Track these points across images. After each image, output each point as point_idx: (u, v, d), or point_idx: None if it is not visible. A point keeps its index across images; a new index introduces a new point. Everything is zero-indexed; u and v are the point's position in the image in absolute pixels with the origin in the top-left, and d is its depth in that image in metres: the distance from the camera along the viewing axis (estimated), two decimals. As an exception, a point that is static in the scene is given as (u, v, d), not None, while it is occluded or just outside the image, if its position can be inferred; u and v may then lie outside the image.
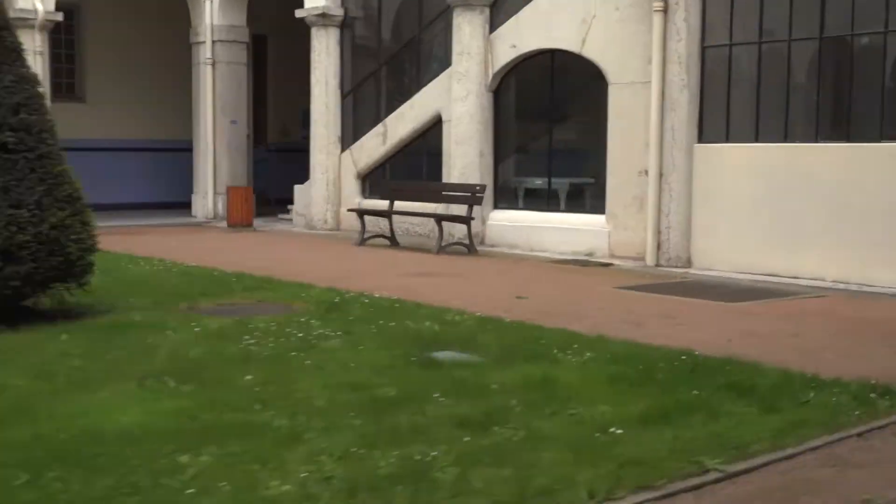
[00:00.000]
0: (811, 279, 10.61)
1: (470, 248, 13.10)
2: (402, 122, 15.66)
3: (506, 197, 14.56)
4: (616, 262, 12.31)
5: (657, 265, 11.87)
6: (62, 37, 21.15)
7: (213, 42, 18.97)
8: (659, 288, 9.99)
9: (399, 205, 14.59)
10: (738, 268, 11.25)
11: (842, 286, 10.19)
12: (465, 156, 14.28)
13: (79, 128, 20.89)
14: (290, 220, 17.81)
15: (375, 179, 16.50)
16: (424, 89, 15.32)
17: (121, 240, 14.38)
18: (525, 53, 13.80)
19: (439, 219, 12.98)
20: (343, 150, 16.76)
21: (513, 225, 14.00)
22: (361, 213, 14.17)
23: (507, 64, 14.02)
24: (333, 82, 16.82)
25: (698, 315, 8.29)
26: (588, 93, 13.44)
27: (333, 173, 16.77)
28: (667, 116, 11.77)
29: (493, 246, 14.08)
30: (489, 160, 14.34)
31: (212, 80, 18.98)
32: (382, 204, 14.95)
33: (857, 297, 9.49)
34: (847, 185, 10.41)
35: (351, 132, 16.73)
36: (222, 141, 19.13)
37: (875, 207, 10.19)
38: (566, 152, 14.23)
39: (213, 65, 18.98)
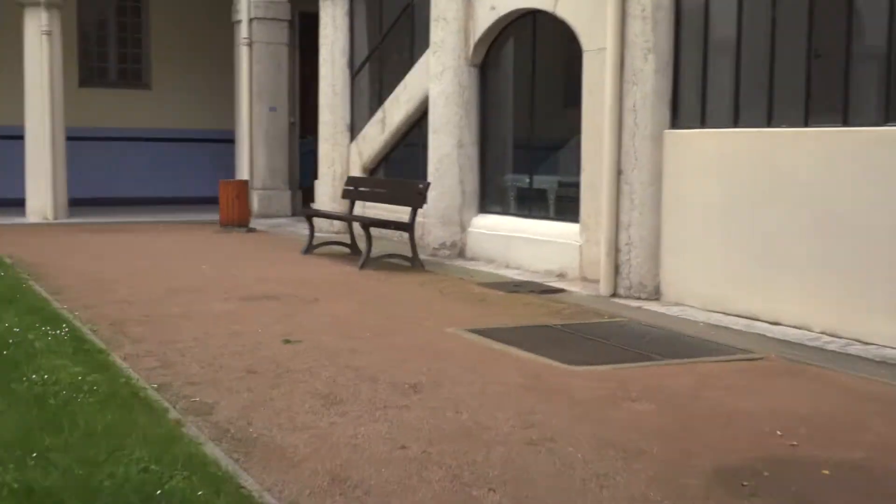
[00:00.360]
0: (795, 327, 7.22)
1: (413, 261, 10.36)
2: (398, 107, 13.08)
3: (498, 198, 11.66)
4: (576, 288, 9.24)
5: (613, 295, 8.72)
6: (128, 20, 20.05)
7: (251, 20, 17.06)
8: (536, 335, 6.96)
9: (368, 207, 12.08)
10: (711, 304, 7.98)
11: (826, 341, 6.78)
12: (441, 147, 11.52)
13: (144, 116, 19.75)
14: (312, 219, 15.60)
15: (380, 173, 14.01)
16: (415, 66, 12.68)
17: (82, 238, 12.79)
18: (504, 16, 10.87)
19: (366, 224, 10.32)
20: (353, 139, 14.37)
21: (491, 234, 11.12)
22: (309, 215, 11.70)
23: (490, 30, 11.13)
24: (342, 60, 14.45)
25: (474, 391, 5.30)
26: (571, 65, 10.34)
27: (341, 167, 14.40)
28: (627, 92, 8.58)
29: (472, 259, 11.27)
30: (472, 151, 11.49)
31: (248, 62, 17.08)
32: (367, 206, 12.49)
33: (809, 365, 6.09)
34: (838, 190, 6.94)
35: (365, 118, 14.28)
36: (259, 130, 17.20)
37: (878, 223, 6.68)
38: (559, 142, 11.17)
39: (250, 45, 17.06)
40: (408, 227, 10.38)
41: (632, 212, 8.60)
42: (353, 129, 14.39)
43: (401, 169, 13.52)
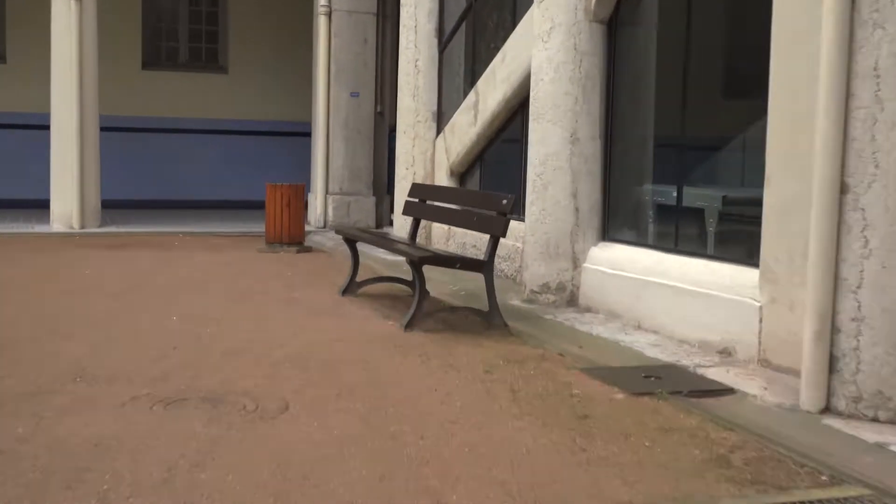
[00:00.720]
0: None
1: (490, 317, 6.68)
2: (493, 87, 9.42)
3: (629, 220, 7.88)
4: (754, 384, 5.39)
5: (825, 410, 4.84)
6: (203, -9, 17.05)
7: (331, -17, 13.72)
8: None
9: (438, 229, 8.46)
10: None
11: None
12: (545, 142, 7.78)
13: (220, 105, 16.75)
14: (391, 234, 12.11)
15: (473, 178, 10.38)
16: (517, 28, 8.99)
17: (80, 258, 9.70)
18: (644, -58, 7.09)
19: (415, 262, 6.64)
20: (439, 132, 10.80)
21: (616, 274, 7.32)
22: (348, 237, 8.11)
23: (623, -33, 7.36)
24: (427, 26, 10.88)
25: None
26: (748, 19, 6.47)
27: (423, 168, 10.85)
28: (862, 43, 4.69)
29: (587, 310, 7.54)
30: (591, 149, 7.71)
31: (326, 35, 13.72)
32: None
33: None
34: None
35: (455, 104, 10.67)
36: (337, 120, 13.83)
37: None
38: (727, 138, 7.31)
39: (329, 14, 13.70)
40: (482, 266, 6.69)
41: (866, 261, 4.70)
42: (441, 119, 10.82)
43: (498, 174, 9.88)
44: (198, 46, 17.02)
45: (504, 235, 6.65)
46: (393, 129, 14.38)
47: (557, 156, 7.69)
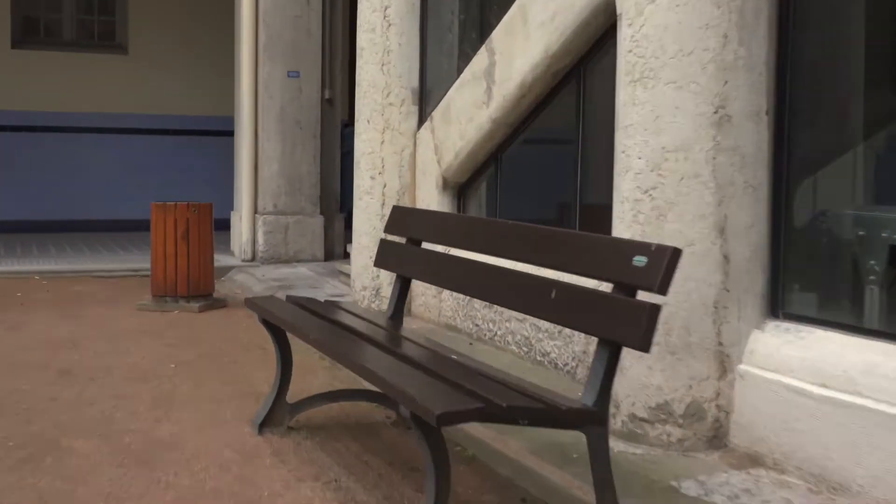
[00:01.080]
0: None
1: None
2: (522, 39, 5.51)
3: (831, 277, 4.02)
4: None
5: None
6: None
7: (257, -79, 9.79)
8: None
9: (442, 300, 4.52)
10: None
11: None
12: (659, 123, 3.89)
13: (117, 95, 12.71)
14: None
15: (478, 195, 6.49)
16: (573, -74, 5.09)
17: None
18: None
19: (438, 423, 2.61)
20: (423, 119, 6.89)
21: (827, 396, 3.46)
22: (269, 320, 4.17)
23: None
24: (402, -44, 6.95)
25: None
26: None
27: (398, 177, 6.92)
28: None
29: (754, 461, 3.72)
30: (753, 139, 3.85)
31: (253, -5, 9.79)
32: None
33: None
34: None
35: (448, 74, 6.76)
36: (270, 110, 9.89)
37: None
38: None
39: (256, -36, 9.78)
40: (584, 420, 2.77)
41: None
42: (425, 100, 6.92)
43: (529, 189, 6.00)
44: (88, 19, 13.01)
45: (648, 349, 2.73)
46: (347, 123, 10.47)
47: (687, 152, 3.83)
